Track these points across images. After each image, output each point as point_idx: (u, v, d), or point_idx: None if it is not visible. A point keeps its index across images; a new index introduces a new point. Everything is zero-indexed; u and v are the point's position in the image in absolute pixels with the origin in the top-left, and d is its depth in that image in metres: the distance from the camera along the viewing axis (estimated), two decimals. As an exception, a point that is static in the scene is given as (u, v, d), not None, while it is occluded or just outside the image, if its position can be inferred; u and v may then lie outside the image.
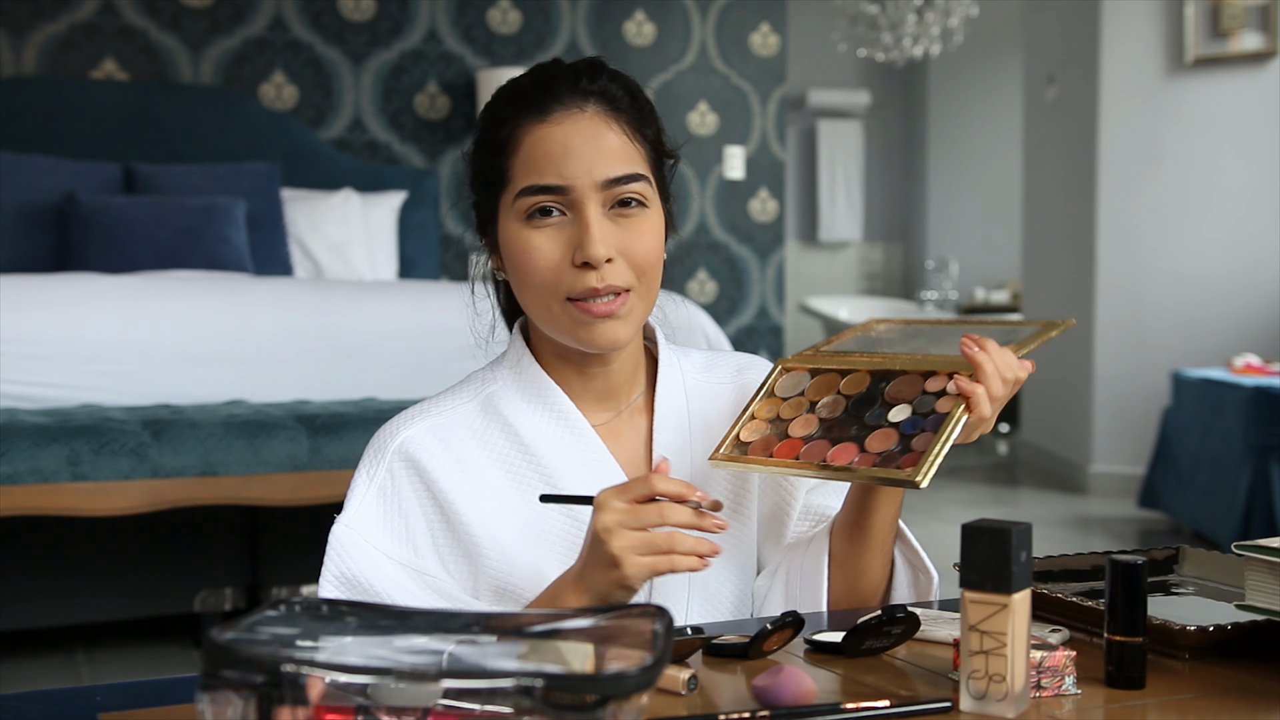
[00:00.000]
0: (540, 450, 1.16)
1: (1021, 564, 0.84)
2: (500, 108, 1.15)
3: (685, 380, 1.24)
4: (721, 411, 1.24)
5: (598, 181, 1.11)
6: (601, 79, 1.14)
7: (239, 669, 0.66)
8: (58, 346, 2.88)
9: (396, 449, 1.15)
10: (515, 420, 1.17)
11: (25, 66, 4.40)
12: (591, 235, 1.10)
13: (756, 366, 1.29)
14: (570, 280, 1.11)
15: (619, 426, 1.20)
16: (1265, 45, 5.04)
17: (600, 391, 1.20)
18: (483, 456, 1.16)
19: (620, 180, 1.12)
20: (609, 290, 1.11)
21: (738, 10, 5.39)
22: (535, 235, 1.12)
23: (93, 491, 2.69)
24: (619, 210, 1.12)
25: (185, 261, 3.84)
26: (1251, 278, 5.16)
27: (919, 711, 0.85)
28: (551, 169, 1.11)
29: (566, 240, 1.11)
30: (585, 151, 1.11)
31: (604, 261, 1.10)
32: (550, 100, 1.12)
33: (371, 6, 4.84)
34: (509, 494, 1.15)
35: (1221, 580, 1.17)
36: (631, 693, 0.67)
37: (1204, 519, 4.37)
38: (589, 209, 1.11)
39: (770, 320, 5.47)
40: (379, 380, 3.17)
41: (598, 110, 1.13)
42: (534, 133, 1.12)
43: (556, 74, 1.14)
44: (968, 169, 8.67)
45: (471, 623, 0.78)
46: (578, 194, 1.11)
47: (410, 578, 1.12)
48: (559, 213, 1.12)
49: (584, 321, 1.12)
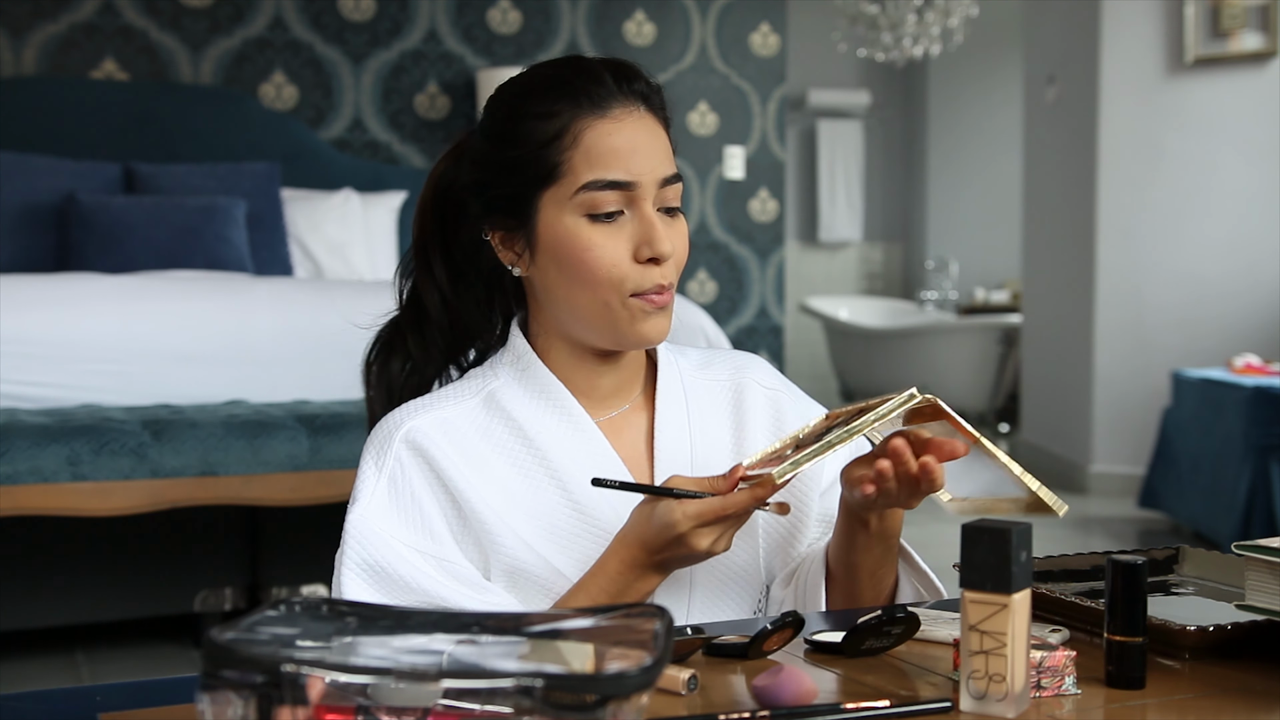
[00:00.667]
0: (545, 445, 1.16)
1: (1021, 564, 0.84)
2: (543, 99, 1.14)
3: (683, 378, 1.24)
4: (719, 409, 1.24)
5: (658, 179, 1.14)
6: (642, 80, 1.17)
7: (239, 669, 0.66)
8: (58, 346, 2.88)
9: (403, 438, 1.14)
10: (519, 415, 1.17)
11: (25, 66, 4.40)
12: (660, 233, 1.12)
13: (754, 366, 1.29)
14: (637, 277, 1.12)
15: (619, 424, 1.20)
16: (1265, 45, 5.04)
17: (605, 390, 1.20)
18: (488, 450, 1.16)
19: (671, 180, 1.15)
20: (668, 284, 1.14)
21: (738, 10, 5.39)
22: (597, 232, 1.12)
23: (93, 491, 2.69)
24: (665, 212, 1.15)
25: (185, 261, 3.84)
26: (1251, 278, 5.16)
27: (919, 711, 0.85)
28: (619, 164, 1.12)
29: (628, 237, 1.13)
30: (648, 150, 1.13)
31: (669, 256, 1.13)
32: (608, 95, 1.13)
33: (371, 6, 4.84)
34: (516, 486, 1.15)
35: (1221, 580, 1.17)
36: (631, 693, 0.67)
37: (1204, 519, 4.37)
38: (647, 206, 1.13)
39: (770, 320, 5.47)
40: (379, 380, 3.16)
41: (648, 109, 1.15)
42: (595, 127, 1.12)
43: (599, 70, 1.15)
44: (968, 169, 8.67)
45: (471, 623, 0.78)
46: (641, 191, 1.12)
47: (430, 564, 1.11)
48: (619, 212, 1.13)
49: (646, 313, 1.13)
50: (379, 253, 4.47)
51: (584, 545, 1.14)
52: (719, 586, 1.19)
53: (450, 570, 1.11)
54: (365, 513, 1.12)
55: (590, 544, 1.14)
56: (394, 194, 4.62)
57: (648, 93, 1.16)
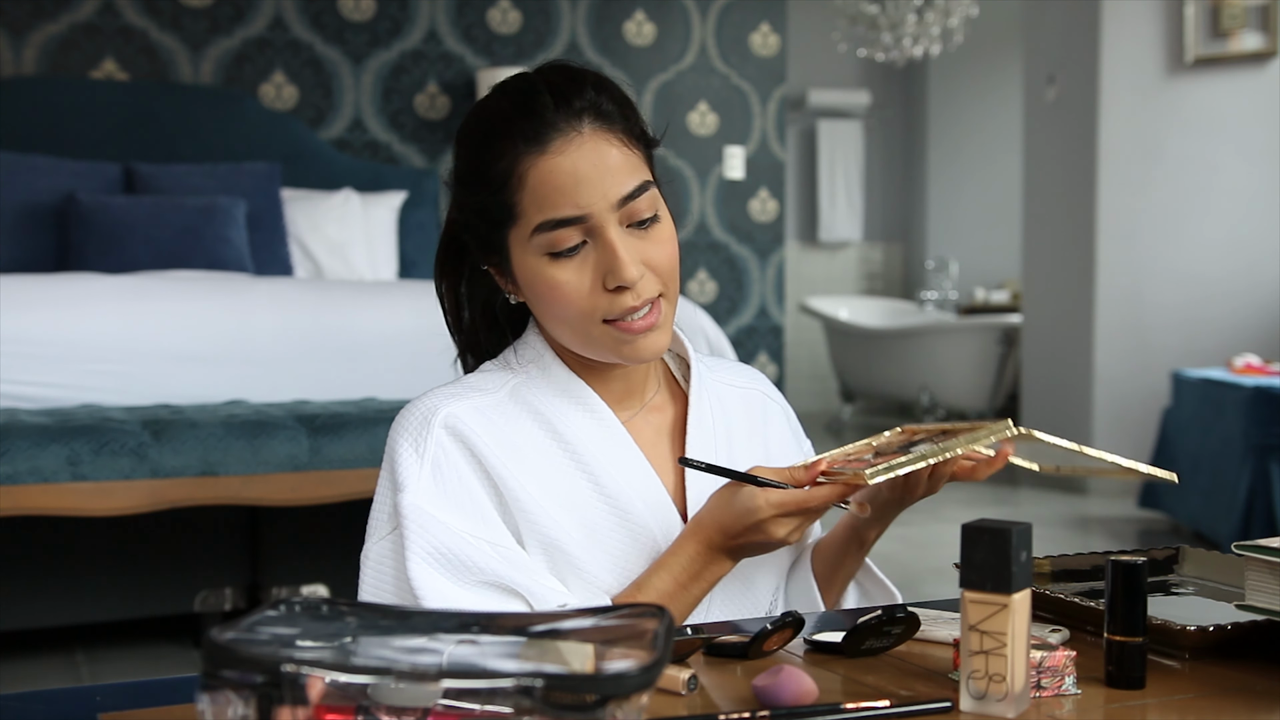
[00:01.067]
0: (573, 437, 1.16)
1: (1021, 564, 0.84)
2: (490, 140, 1.12)
3: (706, 379, 1.26)
4: (740, 411, 1.27)
5: (613, 202, 1.10)
6: (587, 93, 1.11)
7: (239, 669, 0.66)
8: (58, 346, 2.88)
9: (441, 423, 1.13)
10: (545, 409, 1.17)
11: (25, 66, 4.40)
12: (621, 259, 1.09)
13: (764, 380, 1.34)
14: (606, 304, 1.11)
15: (638, 423, 1.20)
16: (1265, 45, 5.04)
17: (619, 393, 1.20)
18: (519, 439, 1.15)
19: (633, 195, 1.10)
20: (644, 304, 1.11)
21: (738, 10, 5.39)
22: (560, 271, 1.10)
23: (93, 491, 2.69)
24: (636, 225, 1.12)
25: (185, 261, 3.84)
26: (1251, 278, 5.16)
27: (919, 711, 0.85)
28: (565, 201, 1.09)
29: (593, 267, 1.10)
30: (594, 175, 1.09)
31: (637, 281, 1.10)
32: (545, 128, 1.09)
33: (371, 6, 4.84)
34: (550, 478, 1.14)
35: (1221, 580, 1.17)
36: (631, 693, 0.67)
37: (1204, 519, 4.37)
38: (609, 231, 1.10)
39: (770, 320, 5.47)
40: (379, 380, 3.17)
41: (594, 128, 1.10)
42: (537, 166, 1.09)
43: (539, 95, 1.11)
44: (968, 169, 8.67)
45: (471, 623, 0.78)
46: (596, 219, 1.09)
47: (490, 549, 1.10)
48: (581, 243, 1.10)
49: (625, 340, 1.12)
50: (379, 253, 4.47)
51: (616, 539, 1.14)
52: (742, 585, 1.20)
53: (506, 556, 1.10)
54: (417, 500, 1.09)
55: (621, 538, 1.14)
56: (394, 194, 4.62)
57: (594, 103, 1.11)
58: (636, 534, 1.14)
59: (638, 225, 1.12)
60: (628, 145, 1.12)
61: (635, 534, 1.14)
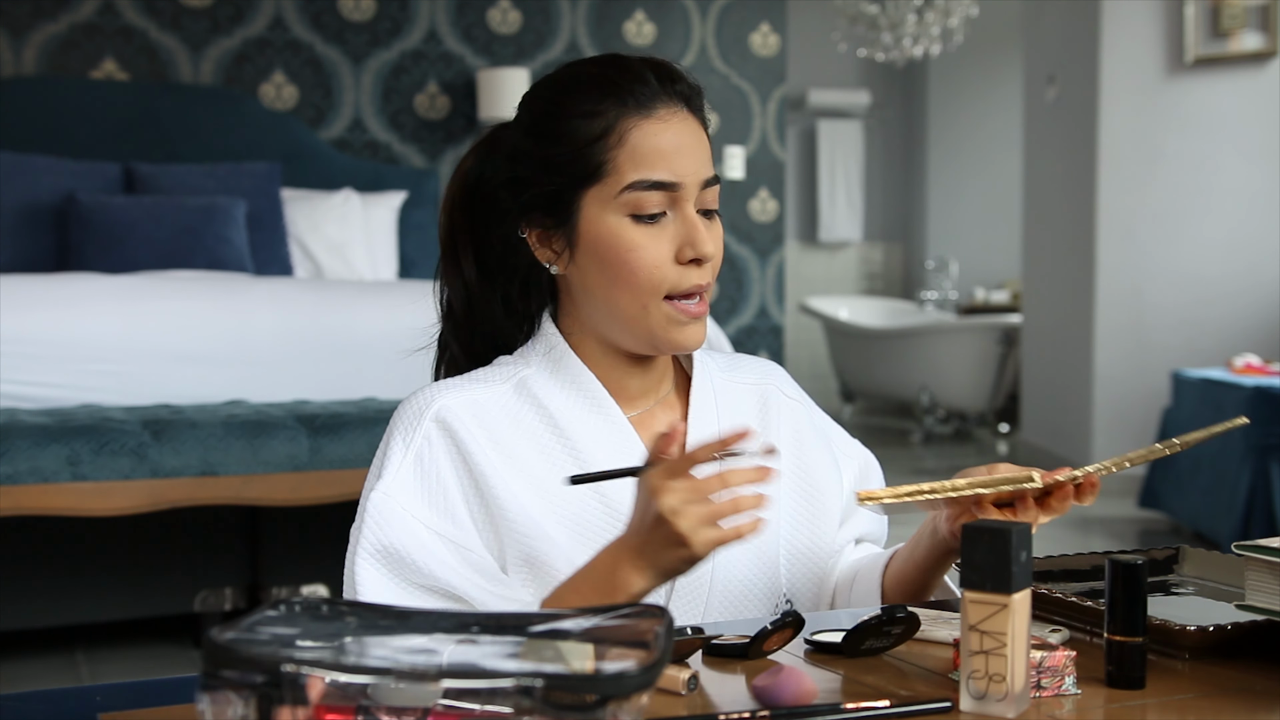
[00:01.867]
0: (574, 433, 1.16)
1: (1021, 564, 0.84)
2: (588, 97, 1.13)
3: (713, 380, 1.25)
4: (747, 412, 1.25)
5: (701, 180, 1.14)
6: (684, 80, 1.17)
7: (239, 669, 0.66)
8: (58, 346, 2.88)
9: (433, 416, 1.13)
10: (549, 403, 1.17)
11: (25, 66, 4.40)
12: (703, 233, 1.13)
13: (778, 374, 1.31)
14: (675, 277, 1.13)
15: (649, 420, 1.20)
16: (1265, 45, 5.04)
17: (634, 390, 1.20)
18: (516, 434, 1.15)
19: (711, 182, 1.15)
20: (706, 286, 1.14)
21: (738, 10, 5.39)
22: (640, 233, 1.12)
23: (93, 491, 2.69)
24: (704, 214, 1.15)
25: (185, 261, 3.84)
26: (1251, 278, 5.16)
27: (919, 711, 0.85)
28: (664, 165, 1.12)
29: (670, 238, 1.13)
30: (691, 151, 1.13)
31: (713, 257, 1.14)
32: (651, 96, 1.13)
33: (371, 6, 4.84)
34: (541, 473, 1.14)
35: (1221, 580, 1.17)
36: (631, 693, 0.67)
37: (1204, 519, 4.37)
38: (688, 207, 1.13)
39: (770, 320, 5.47)
40: (379, 380, 3.17)
41: (690, 110, 1.16)
42: (642, 127, 1.12)
43: (642, 69, 1.15)
44: (968, 169, 8.67)
45: (471, 623, 0.78)
46: (685, 191, 1.13)
47: (448, 550, 1.10)
48: (662, 213, 1.13)
49: (679, 321, 1.14)
50: (379, 253, 4.47)
51: (608, 538, 1.12)
52: (737, 597, 1.18)
53: (467, 559, 1.10)
54: (389, 490, 1.10)
55: (612, 532, 1.13)
56: (394, 194, 4.62)
57: (689, 94, 1.16)
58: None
59: (705, 214, 1.15)
60: (708, 139, 1.17)
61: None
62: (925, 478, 5.95)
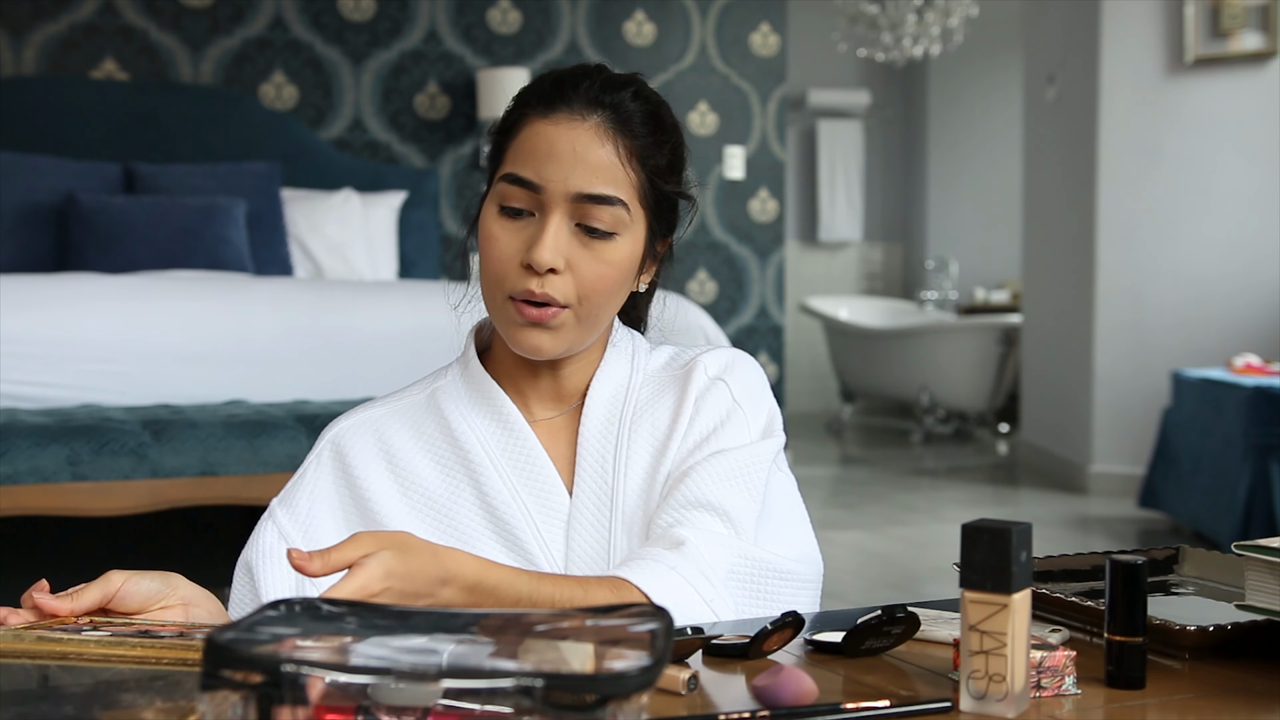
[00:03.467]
0: (470, 445, 1.18)
1: (1021, 564, 0.84)
2: (522, 92, 1.17)
3: (633, 378, 1.22)
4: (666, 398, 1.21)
5: (570, 192, 1.10)
6: (623, 93, 1.13)
7: (239, 669, 0.66)
8: (58, 346, 2.88)
9: (330, 439, 1.21)
10: (451, 416, 1.19)
11: (25, 66, 4.40)
12: (543, 241, 1.10)
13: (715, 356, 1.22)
14: (514, 278, 1.12)
15: (559, 425, 1.21)
16: (1265, 45, 5.04)
17: (550, 392, 1.21)
18: (415, 448, 1.19)
19: (594, 199, 1.10)
20: (544, 298, 1.11)
21: (738, 10, 5.39)
22: (500, 226, 1.13)
23: (93, 491, 2.69)
24: (585, 231, 1.11)
25: (185, 261, 3.84)
26: (1251, 278, 5.16)
27: (919, 711, 0.85)
28: (532, 165, 1.11)
29: (525, 239, 1.12)
30: (569, 159, 1.10)
31: (547, 270, 1.10)
32: (559, 99, 1.12)
33: (371, 6, 4.84)
34: (436, 486, 1.17)
35: (1221, 580, 1.17)
36: (632, 693, 0.67)
37: (1204, 519, 4.37)
38: (554, 215, 1.11)
39: (770, 320, 5.47)
40: (379, 380, 3.17)
41: (601, 123, 1.12)
42: (532, 125, 1.13)
43: (581, 76, 1.14)
44: (968, 169, 8.68)
45: (470, 622, 0.78)
46: (548, 197, 1.11)
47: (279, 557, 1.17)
48: (529, 213, 1.12)
49: (515, 321, 1.13)
50: (379, 253, 4.47)
51: (488, 545, 1.15)
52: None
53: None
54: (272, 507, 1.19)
55: (495, 545, 1.15)
56: (394, 194, 4.62)
57: (622, 106, 1.12)
58: (511, 544, 1.15)
59: (587, 231, 1.12)
60: (626, 160, 1.12)
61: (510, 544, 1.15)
62: (926, 478, 5.97)
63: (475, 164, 5.01)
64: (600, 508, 1.18)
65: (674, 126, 1.18)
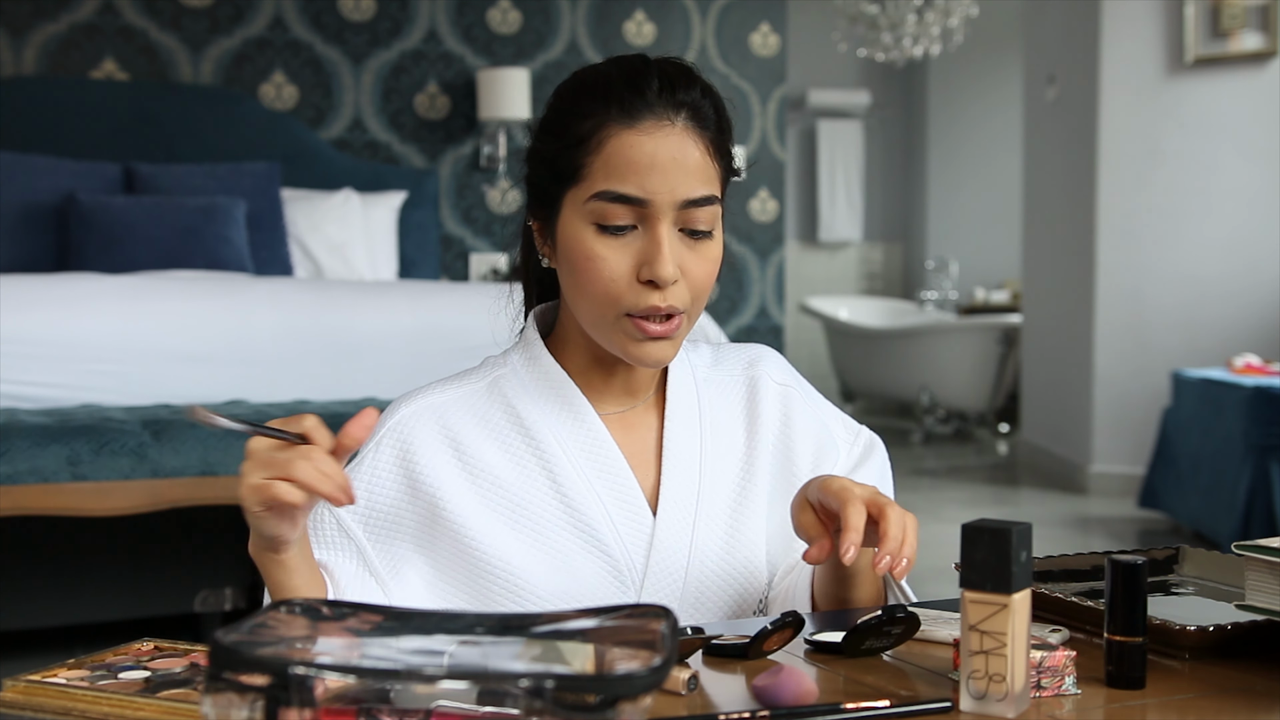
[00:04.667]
0: (541, 434, 1.16)
1: (1021, 564, 0.85)
2: (585, 99, 1.12)
3: (696, 375, 1.24)
4: (732, 405, 1.23)
5: (678, 201, 1.09)
6: (695, 91, 1.12)
7: (245, 671, 0.66)
8: (58, 346, 2.88)
9: (393, 424, 1.16)
10: (519, 403, 1.17)
11: (25, 66, 4.40)
12: (664, 255, 1.08)
13: (766, 359, 1.28)
14: (634, 296, 1.10)
15: (632, 419, 1.20)
16: (1265, 45, 5.04)
17: (620, 389, 1.20)
18: (483, 437, 1.16)
19: (698, 202, 1.10)
20: (669, 310, 1.10)
21: (738, 10, 5.39)
22: (603, 245, 1.10)
23: (93, 491, 2.69)
24: (689, 234, 1.11)
25: (185, 261, 3.84)
26: (1251, 278, 5.16)
27: (919, 711, 0.85)
28: (634, 180, 1.08)
29: (635, 254, 1.09)
30: (671, 168, 1.08)
31: (671, 283, 1.09)
32: (642, 105, 1.09)
33: (371, 6, 4.84)
34: (506, 474, 1.15)
35: (1221, 580, 1.17)
36: (640, 693, 0.67)
37: (1204, 519, 4.37)
38: (662, 226, 1.09)
39: (770, 320, 5.47)
40: (379, 380, 3.17)
41: (687, 125, 1.10)
42: (621, 137, 1.09)
43: (649, 76, 1.11)
44: (968, 169, 8.67)
45: (474, 623, 0.78)
46: (655, 209, 1.09)
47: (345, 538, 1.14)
48: (631, 227, 1.10)
49: (638, 339, 1.11)
50: (379, 253, 4.47)
51: (565, 539, 1.13)
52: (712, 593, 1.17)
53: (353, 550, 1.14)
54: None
55: (571, 538, 1.13)
56: (394, 194, 4.62)
57: (695, 104, 1.11)
58: (585, 534, 1.14)
59: (690, 234, 1.11)
60: (711, 156, 1.12)
61: (583, 534, 1.14)
62: (926, 478, 5.96)
63: (475, 164, 5.01)
64: (685, 508, 1.17)
65: (728, 114, 1.17)
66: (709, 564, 1.16)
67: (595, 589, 1.13)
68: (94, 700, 0.87)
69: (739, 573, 1.19)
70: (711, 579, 1.17)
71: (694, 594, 1.16)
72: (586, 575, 1.13)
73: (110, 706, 0.87)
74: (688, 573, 1.16)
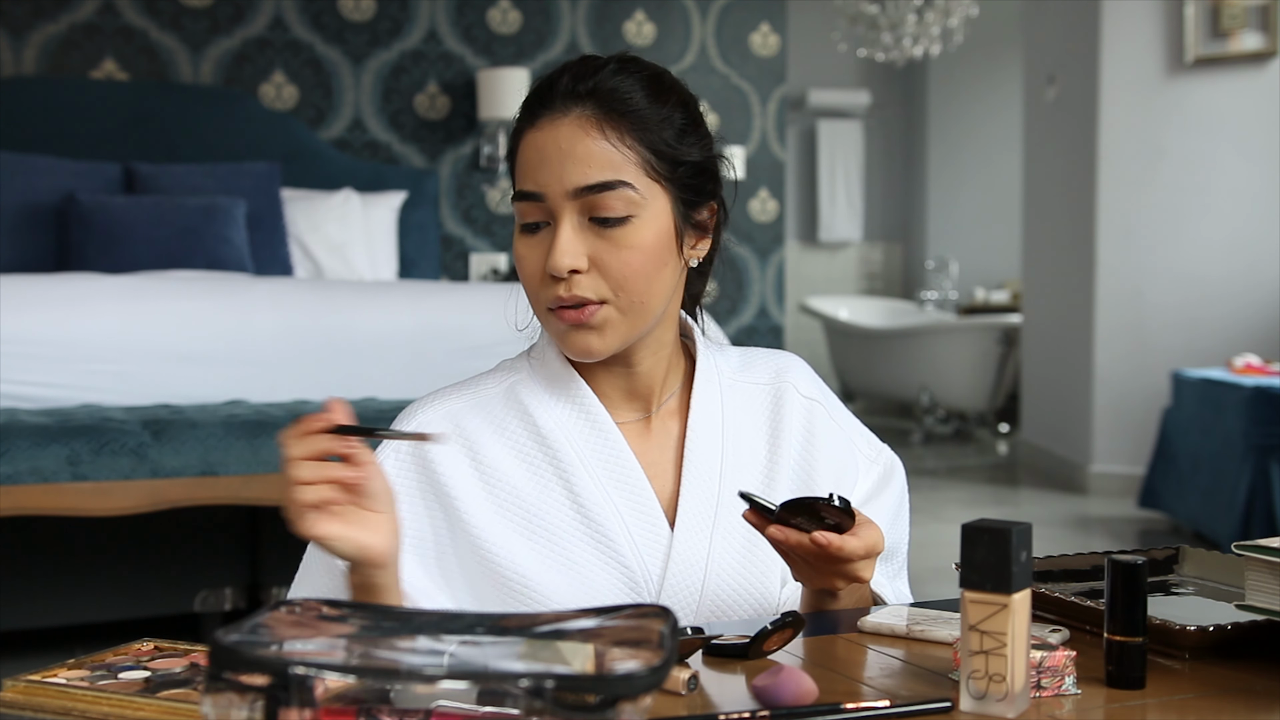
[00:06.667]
0: (557, 441, 1.14)
1: (1021, 564, 0.85)
2: (520, 109, 1.16)
3: (721, 381, 1.22)
4: (756, 414, 1.22)
5: (567, 190, 1.08)
6: (599, 76, 1.10)
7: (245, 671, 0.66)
8: (58, 346, 2.88)
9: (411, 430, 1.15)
10: (535, 410, 1.16)
11: (25, 66, 4.40)
12: (556, 247, 1.08)
13: (794, 369, 1.26)
14: (546, 290, 1.11)
15: (649, 427, 1.18)
16: (1265, 45, 5.04)
17: (626, 390, 1.18)
18: (498, 444, 1.15)
19: (594, 189, 1.08)
20: (574, 300, 1.09)
21: (738, 10, 5.39)
22: (524, 244, 1.13)
23: (93, 491, 2.69)
24: (598, 223, 1.09)
25: (185, 261, 3.84)
26: (1251, 278, 5.17)
27: (919, 711, 0.85)
28: (530, 176, 1.11)
29: (545, 250, 1.10)
30: (558, 158, 1.09)
31: (567, 273, 1.09)
32: (541, 105, 1.11)
33: (371, 6, 4.84)
34: (522, 483, 1.14)
35: (1221, 580, 1.17)
36: (640, 693, 0.67)
37: (1204, 519, 4.37)
38: (563, 219, 1.09)
39: (770, 320, 5.47)
40: (379, 380, 3.17)
41: (584, 113, 1.09)
42: (525, 138, 1.13)
43: (560, 74, 1.12)
44: (968, 169, 8.67)
45: (474, 623, 0.78)
46: (551, 202, 1.10)
47: None
48: (545, 223, 1.11)
49: (562, 330, 1.12)
50: (379, 253, 4.47)
51: (581, 550, 1.12)
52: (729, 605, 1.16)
53: None
54: None
55: (588, 548, 1.12)
56: (394, 194, 4.62)
57: (600, 91, 1.09)
58: (604, 549, 1.12)
59: (600, 222, 1.09)
60: (619, 141, 1.09)
61: (603, 549, 1.12)
62: (926, 478, 5.96)
63: (475, 164, 5.01)
64: (703, 521, 1.15)
65: (673, 88, 1.15)
66: (725, 577, 1.15)
67: (610, 600, 1.12)
68: (94, 700, 0.87)
69: (755, 586, 1.17)
70: (728, 592, 1.16)
71: (710, 607, 1.15)
72: (602, 586, 1.12)
73: (110, 706, 0.87)
74: (704, 585, 1.15)
